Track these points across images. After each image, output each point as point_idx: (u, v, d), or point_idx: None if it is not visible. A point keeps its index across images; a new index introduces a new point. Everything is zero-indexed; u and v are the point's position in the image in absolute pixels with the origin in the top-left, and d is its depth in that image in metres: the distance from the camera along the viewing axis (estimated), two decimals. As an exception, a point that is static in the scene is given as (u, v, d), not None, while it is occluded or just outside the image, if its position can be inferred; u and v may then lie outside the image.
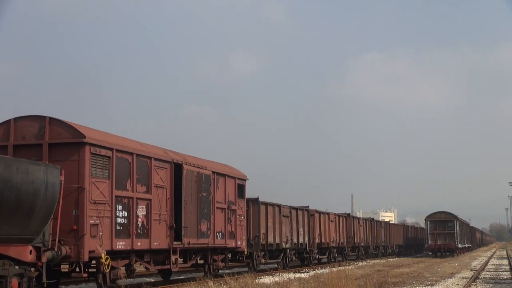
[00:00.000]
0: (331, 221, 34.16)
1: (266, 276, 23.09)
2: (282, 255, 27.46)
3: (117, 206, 15.25)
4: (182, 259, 19.80)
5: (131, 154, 15.96)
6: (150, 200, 16.60)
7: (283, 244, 26.61)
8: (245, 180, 23.00)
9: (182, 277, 23.30)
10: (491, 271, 27.93)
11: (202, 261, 20.91)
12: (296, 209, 28.62)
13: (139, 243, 16.01)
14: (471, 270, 28.89)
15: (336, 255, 36.53)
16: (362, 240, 41.48)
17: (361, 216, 56.42)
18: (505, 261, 39.16)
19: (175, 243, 17.76)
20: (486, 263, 35.73)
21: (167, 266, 17.79)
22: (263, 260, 25.01)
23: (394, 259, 44.89)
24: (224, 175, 21.25)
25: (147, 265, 17.36)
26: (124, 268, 16.31)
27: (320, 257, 33.64)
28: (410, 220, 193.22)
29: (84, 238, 14.02)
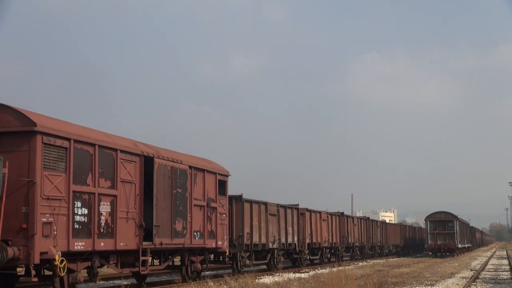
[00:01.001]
0: (323, 220, 32.68)
1: (266, 276, 22.79)
2: (269, 256, 25.98)
3: (76, 202, 13.78)
4: (157, 261, 18.43)
5: (93, 145, 14.49)
6: (115, 196, 15.13)
7: (270, 244, 25.12)
8: (227, 176, 21.53)
9: (162, 279, 21.83)
10: (491, 271, 27.73)
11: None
12: (285, 207, 27.14)
13: (102, 244, 14.54)
14: (471, 270, 28.61)
15: (329, 255, 35.05)
16: (357, 240, 39.98)
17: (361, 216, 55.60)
18: (505, 261, 38.95)
19: (145, 243, 16.29)
20: (486, 263, 35.42)
21: (136, 269, 16.31)
22: (248, 262, 23.52)
23: (394, 259, 44.48)
24: (203, 170, 19.78)
25: (114, 268, 15.88)
26: (86, 271, 14.89)
27: (312, 257, 32.17)
28: (410, 220, 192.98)
29: (35, 238, 12.56)
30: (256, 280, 19.19)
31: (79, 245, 13.77)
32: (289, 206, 27.84)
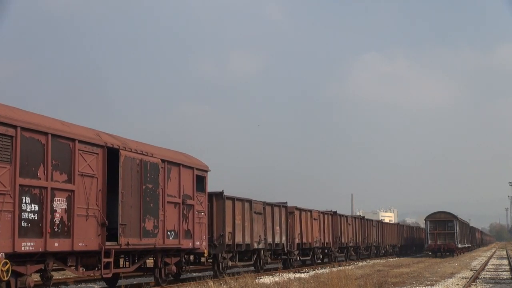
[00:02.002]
0: (314, 219, 31.16)
1: (266, 276, 22.61)
2: (255, 256, 24.49)
3: (23, 198, 12.28)
4: (128, 262, 16.96)
5: (45, 134, 12.99)
6: (72, 191, 13.62)
7: (255, 245, 23.62)
8: (206, 171, 20.03)
9: (133, 282, 20.34)
10: (491, 271, 27.63)
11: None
12: (272, 205, 25.62)
13: (56, 244, 13.04)
14: (471, 270, 28.50)
15: (321, 256, 33.55)
16: (351, 240, 38.44)
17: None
18: (505, 261, 38.80)
19: (109, 243, 14.81)
20: (486, 263, 35.25)
21: (98, 272, 14.80)
22: (230, 263, 22.02)
23: (393, 259, 44.07)
24: (178, 165, 18.28)
25: (73, 271, 14.38)
26: (39, 274, 13.40)
27: (303, 258, 30.68)
28: (410, 220, 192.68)
29: (-28, 237, 11.08)
30: (256, 280, 18.97)
31: (27, 246, 12.27)
32: (277, 204, 26.33)
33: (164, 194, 17.29)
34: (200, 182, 19.72)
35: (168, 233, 17.52)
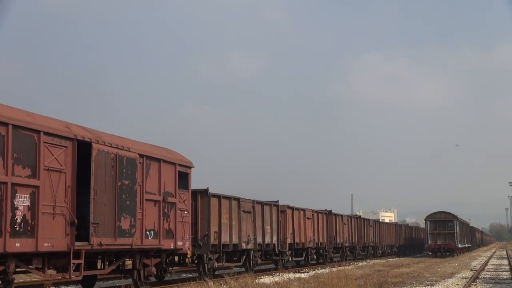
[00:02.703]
0: (308, 218, 30.12)
1: (266, 276, 22.54)
2: (244, 257, 23.46)
3: (-21, 194, 11.25)
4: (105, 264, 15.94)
5: (5, 124, 11.96)
6: (37, 187, 12.58)
7: (244, 245, 22.58)
8: (189, 167, 18.98)
9: (117, 284, 19.31)
10: (491, 271, 27.59)
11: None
12: (262, 203, 24.56)
13: (17, 244, 12.00)
14: (471, 270, 28.47)
15: (315, 256, 32.51)
16: (347, 240, 37.37)
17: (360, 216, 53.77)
18: (505, 261, 38.75)
19: (79, 243, 13.78)
20: (486, 263, 35.20)
21: (67, 274, 13.76)
22: (216, 264, 20.98)
23: (393, 259, 43.98)
24: (158, 160, 17.23)
25: (39, 274, 13.35)
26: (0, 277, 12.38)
27: (295, 259, 29.66)
28: (410, 220, 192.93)
29: None
30: (256, 280, 18.91)
31: (-17, 246, 11.25)
32: (267, 202, 25.28)
33: (142, 191, 16.26)
34: (183, 179, 18.68)
35: (147, 232, 16.48)
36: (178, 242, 18.01)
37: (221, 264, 21.85)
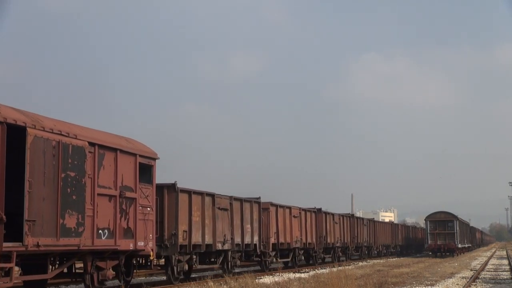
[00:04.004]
0: (294, 216, 28.15)
1: (266, 276, 22.49)
2: (221, 258, 21.53)
3: None
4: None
5: None
6: (-48, 177, 10.67)
7: (219, 245, 20.62)
8: (153, 159, 17.04)
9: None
10: (491, 271, 27.49)
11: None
12: (241, 200, 22.59)
13: None
14: (471, 270, 28.37)
15: (303, 257, 30.55)
16: (338, 240, 35.39)
17: (361, 216, 53.48)
18: (505, 261, 38.59)
19: (8, 244, 11.84)
20: (486, 263, 35.05)
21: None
22: (186, 266, 19.04)
23: (393, 259, 43.73)
24: (114, 150, 15.29)
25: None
26: None
27: (281, 260, 27.72)
28: (410, 220, 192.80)
29: None
30: (256, 280, 18.87)
31: None
32: (247, 199, 23.31)
33: (93, 185, 14.33)
34: (146, 172, 16.75)
35: (100, 231, 14.55)
36: (139, 242, 16.08)
37: (195, 266, 19.90)
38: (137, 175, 16.11)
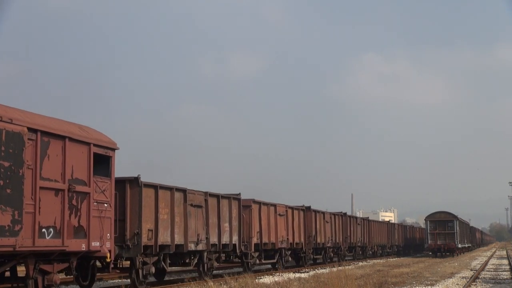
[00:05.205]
0: (280, 215, 26.34)
1: (266, 276, 22.47)
2: (196, 260, 19.73)
3: None
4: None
5: None
6: None
7: (192, 246, 18.80)
8: (112, 149, 15.22)
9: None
10: (491, 271, 27.43)
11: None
12: (217, 196, 20.76)
13: None
14: (471, 270, 28.32)
15: (290, 258, 28.73)
16: (329, 240, 33.57)
17: (360, 216, 52.48)
18: (505, 261, 38.43)
19: None
20: (486, 263, 34.96)
21: None
22: (153, 269, 17.22)
23: (393, 259, 43.66)
24: (62, 138, 13.48)
25: None
26: None
27: (265, 261, 25.94)
28: (410, 220, 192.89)
29: None
30: (256, 280, 18.91)
31: None
32: (225, 195, 21.49)
33: (34, 177, 12.53)
34: (103, 163, 14.95)
35: (44, 230, 12.76)
36: (93, 242, 14.28)
37: (167, 268, 18.13)
38: (91, 167, 14.31)
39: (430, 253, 49.82)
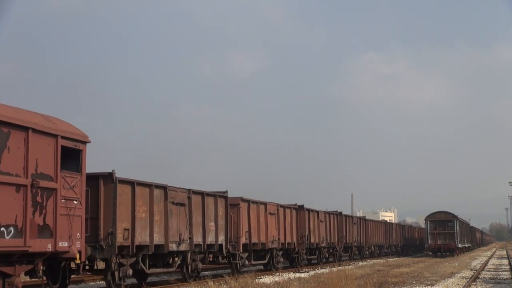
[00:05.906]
0: (271, 214, 25.27)
1: (266, 276, 22.48)
2: (179, 261, 18.68)
3: None
4: None
5: None
6: None
7: (173, 246, 17.73)
8: (83, 142, 14.16)
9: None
10: (491, 271, 27.41)
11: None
12: (202, 194, 19.67)
13: None
14: (471, 270, 28.29)
15: (282, 259, 27.65)
16: (323, 240, 32.49)
17: (360, 216, 52.14)
18: (505, 261, 38.29)
19: None
20: (486, 263, 34.88)
21: None
22: (130, 271, 16.15)
23: (393, 259, 43.53)
24: (25, 129, 12.42)
25: None
26: None
27: (255, 262, 24.88)
28: (410, 220, 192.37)
29: None
30: (256, 280, 18.93)
31: None
32: (210, 193, 20.42)
33: (-10, 170, 11.48)
34: (73, 157, 13.89)
35: (3, 229, 11.70)
36: (61, 242, 13.21)
37: (151, 270, 17.06)
38: (58, 161, 13.23)
39: (430, 253, 49.63)
